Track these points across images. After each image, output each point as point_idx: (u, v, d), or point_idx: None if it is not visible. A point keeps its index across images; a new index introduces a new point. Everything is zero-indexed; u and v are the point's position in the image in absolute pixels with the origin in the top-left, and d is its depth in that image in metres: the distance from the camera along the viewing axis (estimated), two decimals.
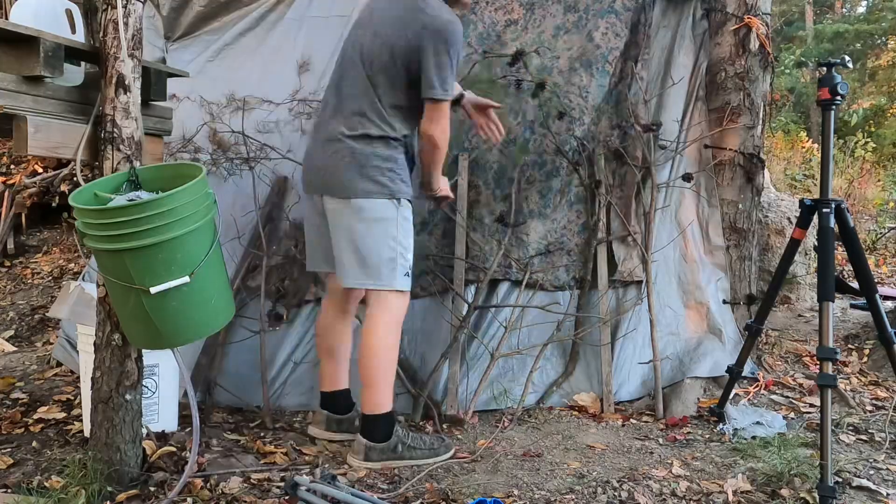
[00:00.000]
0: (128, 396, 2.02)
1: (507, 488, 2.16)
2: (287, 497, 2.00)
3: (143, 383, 2.10)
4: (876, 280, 3.98)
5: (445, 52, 2.21)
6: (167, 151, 2.87)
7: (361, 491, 2.04)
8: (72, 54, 1.93)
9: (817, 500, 2.05)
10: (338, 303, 2.52)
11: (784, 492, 2.12)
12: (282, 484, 2.11)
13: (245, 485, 2.13)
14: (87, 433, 2.29)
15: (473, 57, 3.06)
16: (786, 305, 4.37)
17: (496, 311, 2.99)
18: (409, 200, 2.36)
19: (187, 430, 2.46)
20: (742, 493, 2.14)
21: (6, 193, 4.65)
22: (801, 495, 2.10)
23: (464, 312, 2.90)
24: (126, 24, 1.91)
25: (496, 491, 2.14)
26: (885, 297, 4.22)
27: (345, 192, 2.27)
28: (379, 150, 2.27)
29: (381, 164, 2.27)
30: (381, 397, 2.31)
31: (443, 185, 2.48)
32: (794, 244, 2.53)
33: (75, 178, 1.97)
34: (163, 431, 2.42)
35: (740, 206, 3.29)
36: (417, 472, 2.25)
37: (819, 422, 2.18)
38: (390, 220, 2.30)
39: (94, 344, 2.04)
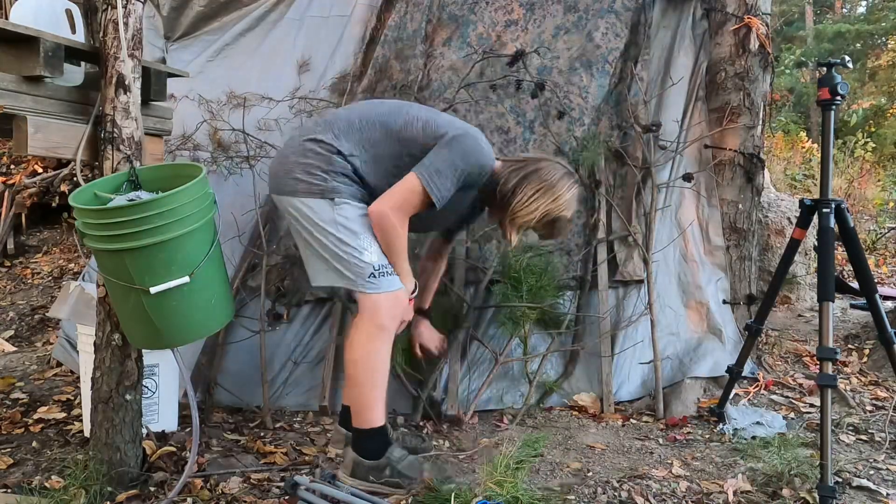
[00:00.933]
0: (128, 396, 2.02)
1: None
2: (287, 497, 2.00)
3: (143, 383, 2.10)
4: (876, 280, 3.98)
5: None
6: (167, 150, 2.87)
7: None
8: (72, 54, 1.93)
9: (817, 500, 2.05)
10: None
11: (784, 492, 2.12)
12: (282, 484, 2.11)
13: (245, 485, 2.13)
14: (87, 433, 2.29)
15: (473, 57, 3.06)
16: (786, 305, 4.37)
17: (496, 312, 2.99)
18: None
19: (187, 430, 2.46)
20: (742, 493, 2.14)
21: (6, 193, 4.65)
22: (802, 495, 2.10)
23: (463, 313, 2.90)
24: (126, 24, 1.91)
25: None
26: (885, 297, 4.22)
27: None
28: None
29: None
30: (369, 412, 2.09)
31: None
32: (794, 244, 2.53)
33: (75, 178, 1.97)
34: (163, 431, 2.42)
35: (740, 206, 3.29)
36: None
37: (819, 422, 2.18)
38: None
39: (94, 344, 2.04)
